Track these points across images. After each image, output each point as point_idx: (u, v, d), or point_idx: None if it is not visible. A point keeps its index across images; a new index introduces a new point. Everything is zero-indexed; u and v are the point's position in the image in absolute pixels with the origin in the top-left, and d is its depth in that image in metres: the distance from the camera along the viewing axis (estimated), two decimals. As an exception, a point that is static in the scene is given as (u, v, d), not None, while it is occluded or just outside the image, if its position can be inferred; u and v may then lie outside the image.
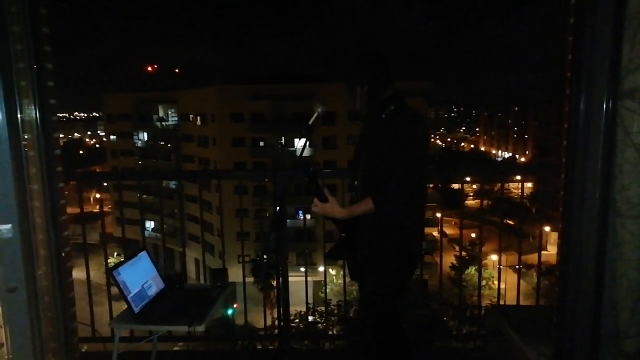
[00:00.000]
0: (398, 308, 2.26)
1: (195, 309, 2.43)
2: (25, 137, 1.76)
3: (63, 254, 2.04)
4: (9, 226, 1.75)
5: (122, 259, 2.54)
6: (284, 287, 2.94)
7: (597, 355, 1.77)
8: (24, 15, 1.73)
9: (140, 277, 2.51)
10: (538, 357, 2.43)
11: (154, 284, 2.58)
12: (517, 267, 3.77)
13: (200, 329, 2.29)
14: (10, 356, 1.87)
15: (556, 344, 1.94)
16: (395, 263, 2.10)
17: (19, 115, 1.70)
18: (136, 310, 2.33)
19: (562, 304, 1.86)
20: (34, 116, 1.79)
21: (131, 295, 2.35)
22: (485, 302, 4.67)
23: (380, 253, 2.09)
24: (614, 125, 1.65)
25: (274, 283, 2.74)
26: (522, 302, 3.53)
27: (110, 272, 2.30)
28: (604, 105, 1.65)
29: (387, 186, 1.98)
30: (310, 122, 2.29)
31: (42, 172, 1.82)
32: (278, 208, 2.33)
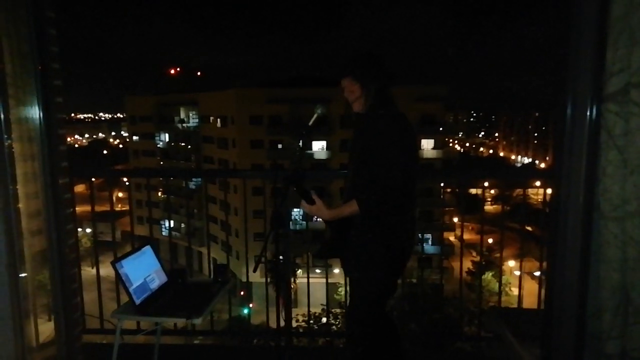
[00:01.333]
0: (385, 306, 2.30)
1: (195, 302, 2.49)
2: (7, 137, 1.79)
3: (66, 246, 2.12)
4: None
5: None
6: (287, 285, 3.00)
7: (582, 356, 1.78)
8: (29, 17, 1.81)
9: (143, 270, 2.58)
10: (532, 358, 2.44)
11: (156, 278, 2.66)
12: (520, 270, 3.75)
13: (198, 321, 2.36)
14: None
15: (543, 346, 1.95)
16: (381, 261, 2.14)
17: (1, 116, 1.74)
18: (137, 302, 2.41)
19: (549, 306, 1.87)
20: (37, 114, 1.88)
21: (133, 287, 2.42)
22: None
23: (366, 251, 2.14)
24: (598, 127, 1.66)
25: (278, 281, 2.80)
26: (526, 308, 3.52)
27: (112, 264, 2.39)
28: (588, 108, 1.67)
29: (371, 189, 2.03)
30: (310, 123, 2.35)
31: (45, 167, 1.91)
32: (277, 208, 2.39)
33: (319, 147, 32.74)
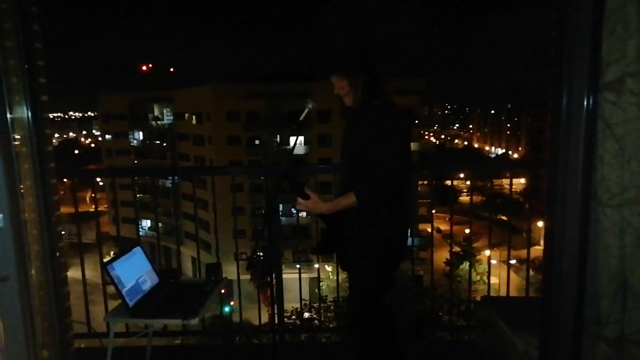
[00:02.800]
0: (385, 300, 2.30)
1: (189, 302, 2.46)
2: (16, 135, 1.77)
3: (57, 249, 2.06)
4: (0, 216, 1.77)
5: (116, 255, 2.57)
6: (278, 281, 2.98)
7: (581, 341, 1.82)
8: (14, 13, 1.74)
9: (135, 271, 2.54)
10: (526, 346, 2.49)
11: (148, 279, 2.61)
12: (507, 261, 3.82)
13: (194, 322, 2.32)
14: (4, 345, 1.89)
15: (542, 332, 1.98)
16: (379, 254, 2.13)
17: (8, 116, 1.71)
18: (130, 304, 2.36)
19: (547, 293, 1.90)
20: (25, 113, 1.81)
21: (125, 289, 2.38)
22: (478, 297, 4.74)
23: (365, 245, 2.13)
24: (595, 117, 1.69)
25: (269, 279, 2.78)
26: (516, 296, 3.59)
27: (104, 266, 2.33)
28: (585, 98, 1.69)
29: (368, 180, 2.01)
30: (301, 118, 2.33)
31: (35, 168, 1.85)
32: (270, 204, 2.37)
33: (296, 141, 32.68)
